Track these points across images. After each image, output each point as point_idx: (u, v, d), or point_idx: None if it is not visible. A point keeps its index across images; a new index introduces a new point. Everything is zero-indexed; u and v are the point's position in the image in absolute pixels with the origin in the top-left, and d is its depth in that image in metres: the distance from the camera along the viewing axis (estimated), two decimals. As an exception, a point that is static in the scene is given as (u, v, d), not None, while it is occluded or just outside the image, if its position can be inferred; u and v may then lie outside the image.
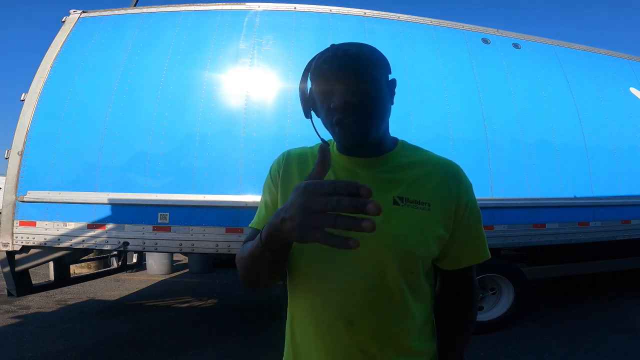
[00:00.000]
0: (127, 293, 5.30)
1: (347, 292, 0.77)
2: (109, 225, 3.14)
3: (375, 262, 0.76)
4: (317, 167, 0.61)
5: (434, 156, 0.86)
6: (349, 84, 0.75)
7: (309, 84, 0.83)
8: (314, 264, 0.80)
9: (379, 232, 0.73)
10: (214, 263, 7.07)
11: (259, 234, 0.68)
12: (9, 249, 3.16)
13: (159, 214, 3.15)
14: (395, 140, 0.88)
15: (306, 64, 0.83)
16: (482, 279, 3.77)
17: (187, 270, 6.97)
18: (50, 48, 3.52)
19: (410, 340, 0.80)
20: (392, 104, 0.83)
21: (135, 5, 4.22)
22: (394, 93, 0.83)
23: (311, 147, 0.91)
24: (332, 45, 0.78)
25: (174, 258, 7.16)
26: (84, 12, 3.74)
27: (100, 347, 3.35)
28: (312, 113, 0.86)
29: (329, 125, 0.79)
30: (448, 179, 0.82)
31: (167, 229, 3.15)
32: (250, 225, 0.90)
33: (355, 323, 0.77)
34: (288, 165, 0.87)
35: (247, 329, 3.92)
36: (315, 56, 0.80)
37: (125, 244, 3.15)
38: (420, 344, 0.83)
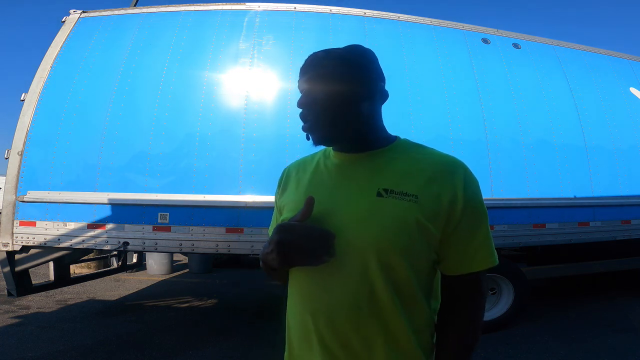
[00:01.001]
0: (127, 293, 5.30)
1: (327, 286, 0.77)
2: (109, 225, 3.14)
3: (355, 255, 0.76)
4: (301, 213, 0.76)
5: (436, 153, 0.83)
6: (307, 86, 0.82)
7: None
8: None
9: (361, 226, 0.76)
10: (214, 263, 7.07)
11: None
12: (9, 249, 3.16)
13: (159, 214, 3.15)
14: (394, 138, 0.88)
15: None
16: (482, 279, 3.77)
17: (187, 270, 6.97)
18: (50, 48, 3.52)
19: (399, 341, 0.77)
20: (371, 104, 0.83)
21: (135, 5, 4.23)
22: (373, 95, 0.82)
23: (312, 154, 0.96)
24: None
25: (174, 258, 7.16)
26: (84, 12, 3.74)
27: (100, 347, 3.35)
28: None
29: None
30: (443, 176, 0.78)
31: (167, 229, 3.15)
32: (269, 231, 1.03)
33: (334, 318, 0.76)
34: (288, 177, 0.96)
35: (247, 329, 3.92)
36: None
37: (125, 244, 3.15)
38: (411, 349, 0.79)
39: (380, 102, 0.85)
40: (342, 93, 0.79)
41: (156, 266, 6.59)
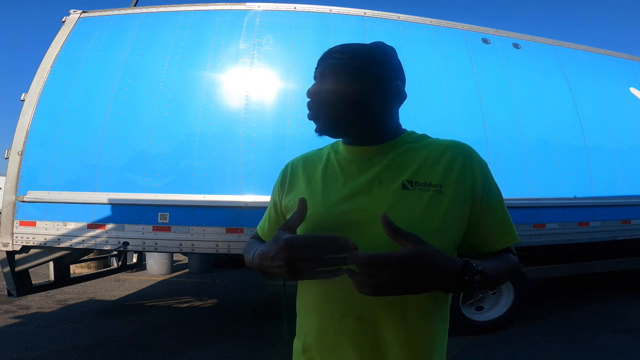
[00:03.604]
0: (127, 293, 5.30)
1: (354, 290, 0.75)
2: (109, 225, 3.14)
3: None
4: (295, 217, 0.71)
5: (443, 140, 0.85)
6: (322, 77, 0.81)
7: None
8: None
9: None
10: (214, 263, 7.07)
11: (253, 256, 0.77)
12: (9, 249, 3.16)
13: (159, 214, 3.15)
14: (404, 130, 0.88)
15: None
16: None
17: (187, 270, 6.97)
18: (50, 48, 3.52)
19: (424, 341, 0.77)
20: (381, 104, 0.81)
21: (135, 5, 4.22)
22: (383, 94, 0.81)
23: (317, 150, 0.93)
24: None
25: (174, 258, 7.16)
26: (84, 12, 3.74)
27: (100, 347, 3.35)
28: None
29: None
30: (459, 160, 0.79)
31: (167, 229, 3.15)
32: (257, 226, 0.99)
33: (365, 318, 0.75)
34: (293, 173, 0.90)
35: (247, 329, 3.92)
36: None
37: (125, 244, 3.15)
38: (433, 347, 0.78)
39: (395, 102, 0.84)
40: (346, 89, 0.78)
41: (156, 266, 6.59)
